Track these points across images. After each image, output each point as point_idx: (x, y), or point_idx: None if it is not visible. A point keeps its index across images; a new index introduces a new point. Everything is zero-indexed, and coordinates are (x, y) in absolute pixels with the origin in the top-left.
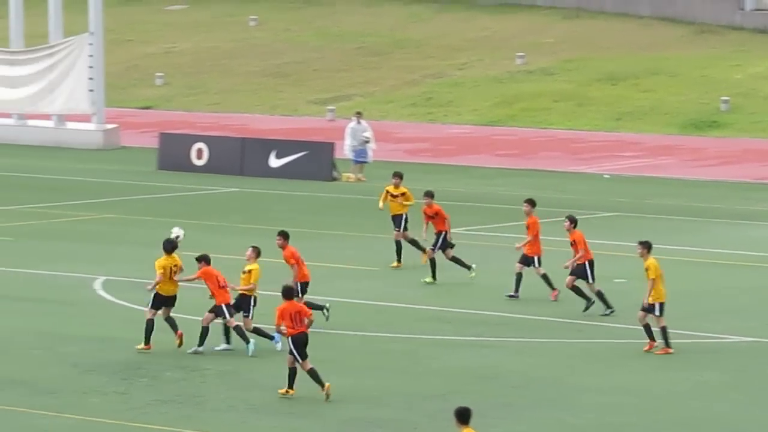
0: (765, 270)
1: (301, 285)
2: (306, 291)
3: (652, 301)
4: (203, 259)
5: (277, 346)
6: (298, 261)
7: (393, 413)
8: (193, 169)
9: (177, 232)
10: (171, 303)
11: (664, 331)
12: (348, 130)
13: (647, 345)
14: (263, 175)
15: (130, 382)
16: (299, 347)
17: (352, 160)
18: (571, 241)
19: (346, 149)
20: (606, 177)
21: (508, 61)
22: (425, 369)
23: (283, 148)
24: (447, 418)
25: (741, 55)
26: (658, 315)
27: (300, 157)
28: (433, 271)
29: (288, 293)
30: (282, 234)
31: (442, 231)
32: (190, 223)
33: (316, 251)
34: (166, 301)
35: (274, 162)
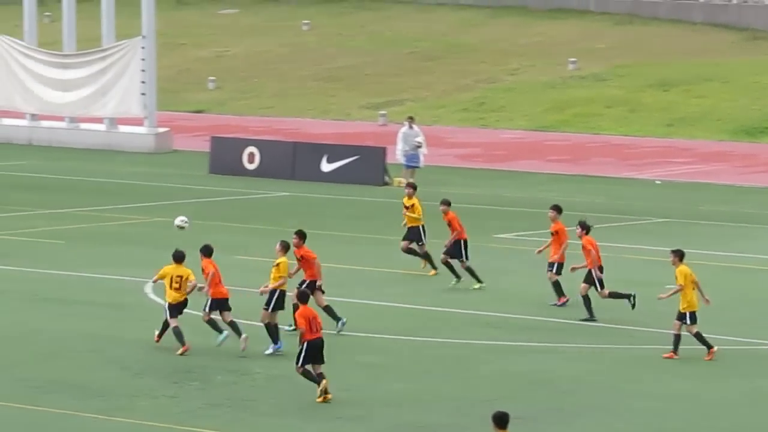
0: None
1: (309, 283)
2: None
3: (683, 309)
4: (208, 252)
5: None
6: (306, 259)
7: (444, 418)
8: (245, 173)
9: (180, 222)
10: (179, 310)
11: (698, 336)
12: (400, 135)
13: (707, 354)
14: (314, 180)
15: (180, 385)
16: (314, 352)
17: (403, 165)
18: (583, 246)
19: (397, 154)
20: (658, 183)
21: (561, 66)
22: (476, 374)
23: (334, 152)
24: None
25: None
26: (689, 323)
27: (351, 161)
28: (474, 276)
29: (303, 297)
30: (299, 234)
31: (462, 239)
32: (240, 227)
33: (367, 256)
34: (177, 308)
35: (326, 166)
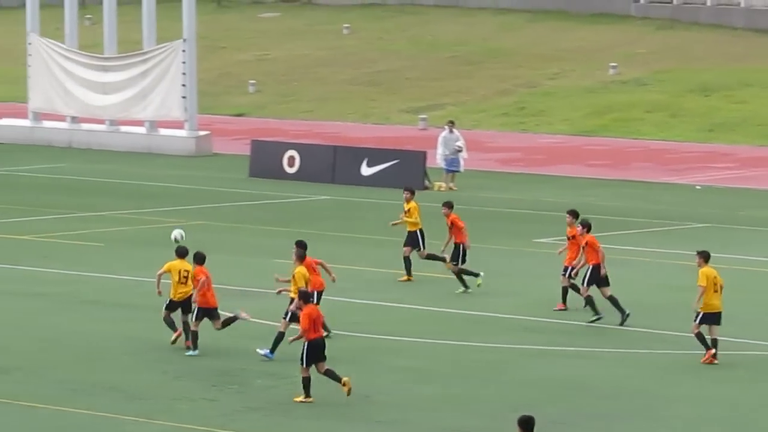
0: None
1: (317, 294)
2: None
3: (698, 309)
4: (201, 260)
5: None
6: (313, 270)
7: (481, 422)
8: (285, 176)
9: (177, 234)
10: (182, 307)
11: (698, 336)
12: (440, 139)
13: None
14: (355, 184)
15: (219, 388)
16: (317, 351)
17: (444, 169)
18: (582, 244)
19: (438, 158)
20: (698, 188)
21: (601, 71)
22: (514, 378)
23: (374, 156)
24: (538, 428)
25: None
26: (696, 322)
27: (391, 165)
28: (461, 282)
29: (305, 296)
30: (300, 244)
31: (460, 243)
32: (280, 231)
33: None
34: (180, 305)
35: (366, 170)
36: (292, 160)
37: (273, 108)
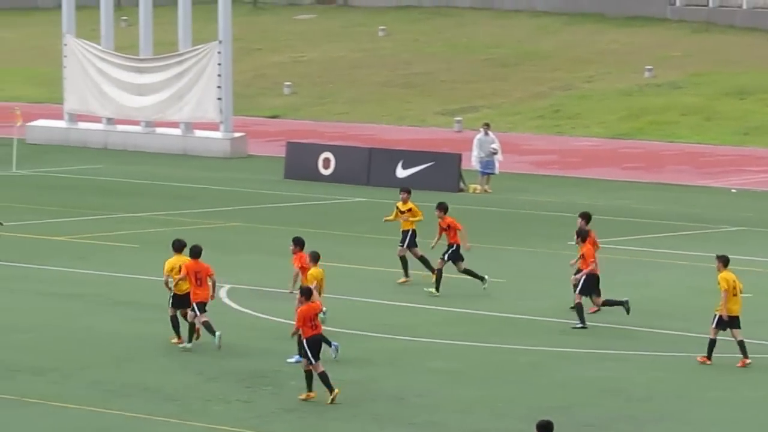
0: None
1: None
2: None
3: (716, 311)
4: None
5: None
6: (304, 268)
7: (516, 425)
8: (320, 178)
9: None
10: (186, 303)
11: (712, 342)
12: (475, 142)
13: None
14: (390, 186)
15: (253, 390)
16: (314, 349)
17: (479, 172)
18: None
19: (473, 160)
20: (733, 191)
21: (637, 74)
22: (549, 381)
23: (409, 158)
24: (571, 430)
25: None
26: (714, 326)
27: (427, 167)
28: (437, 284)
29: (307, 293)
30: (296, 241)
31: (455, 243)
32: (316, 233)
33: None
34: (183, 300)
35: (401, 172)
36: (327, 161)
37: (308, 110)
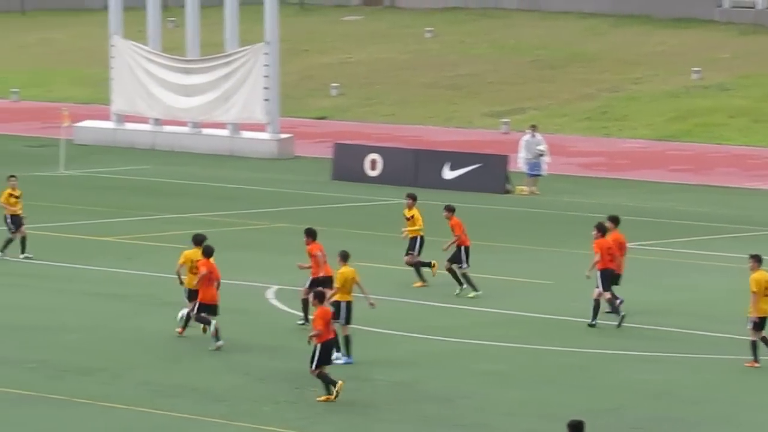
0: None
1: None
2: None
3: (749, 314)
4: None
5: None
6: (313, 256)
7: (563, 427)
8: (367, 179)
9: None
10: (195, 297)
11: (754, 344)
12: (522, 143)
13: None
14: (437, 187)
15: (301, 391)
16: (328, 353)
17: (526, 173)
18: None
19: (520, 162)
20: None
21: (684, 76)
22: (597, 383)
23: (456, 160)
24: None
25: None
26: (749, 328)
27: (474, 169)
28: (471, 285)
29: (320, 297)
30: (309, 232)
31: (461, 245)
32: (362, 234)
33: (489, 264)
34: (191, 295)
35: (448, 174)
36: (374, 163)
37: (355, 111)
